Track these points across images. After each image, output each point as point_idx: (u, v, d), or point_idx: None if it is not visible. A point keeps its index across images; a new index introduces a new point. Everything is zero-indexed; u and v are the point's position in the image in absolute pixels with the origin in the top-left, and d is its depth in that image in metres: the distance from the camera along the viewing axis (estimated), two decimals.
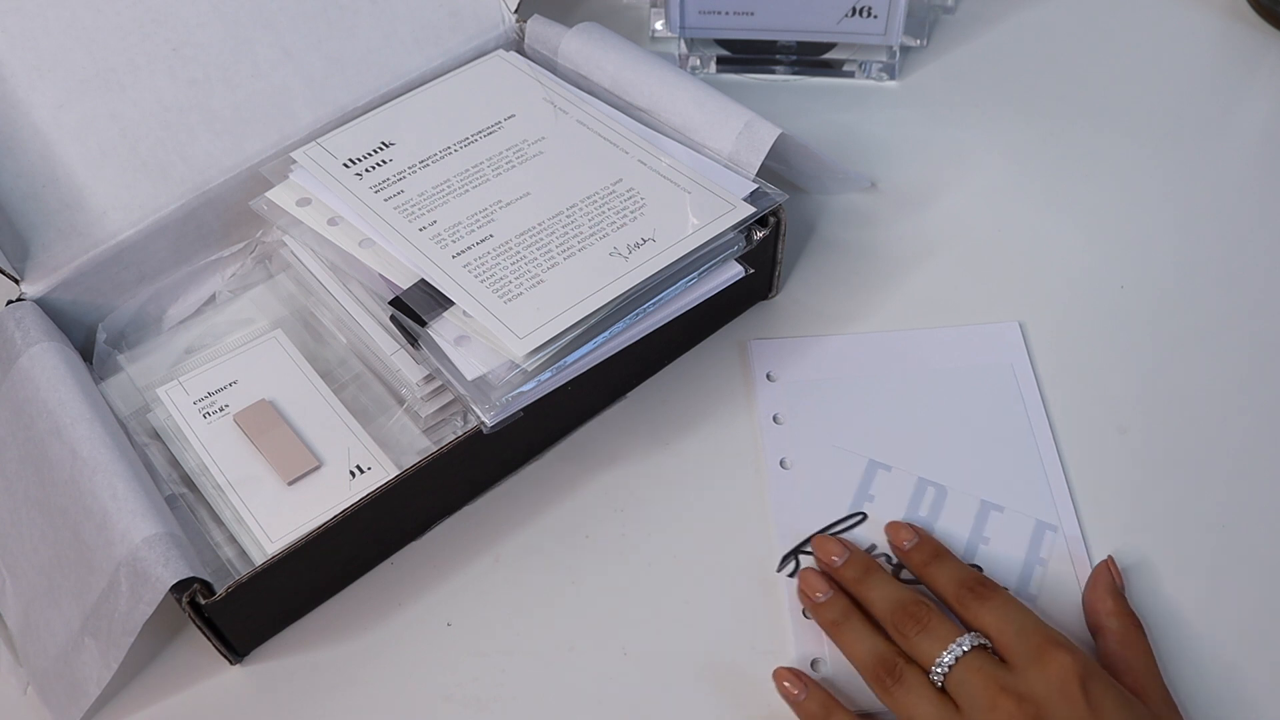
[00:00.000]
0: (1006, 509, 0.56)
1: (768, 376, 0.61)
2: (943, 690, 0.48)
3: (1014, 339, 0.62)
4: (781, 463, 0.58)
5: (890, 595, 0.51)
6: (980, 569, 0.54)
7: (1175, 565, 0.54)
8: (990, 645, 0.48)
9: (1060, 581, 0.54)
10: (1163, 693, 0.48)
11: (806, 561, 0.55)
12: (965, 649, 0.48)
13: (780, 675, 0.51)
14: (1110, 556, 0.54)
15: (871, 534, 0.56)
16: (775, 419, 0.60)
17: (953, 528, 0.55)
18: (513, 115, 0.64)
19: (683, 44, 0.76)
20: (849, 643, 0.51)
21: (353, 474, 0.55)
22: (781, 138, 0.61)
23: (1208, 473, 0.58)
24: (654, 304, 0.56)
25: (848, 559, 0.53)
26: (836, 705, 0.50)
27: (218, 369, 0.59)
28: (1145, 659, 0.49)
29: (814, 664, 0.52)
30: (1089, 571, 0.54)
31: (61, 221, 0.59)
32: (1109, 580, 0.52)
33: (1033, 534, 0.55)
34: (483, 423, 0.52)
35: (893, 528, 0.55)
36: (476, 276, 0.56)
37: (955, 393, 0.60)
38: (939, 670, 0.48)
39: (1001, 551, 0.55)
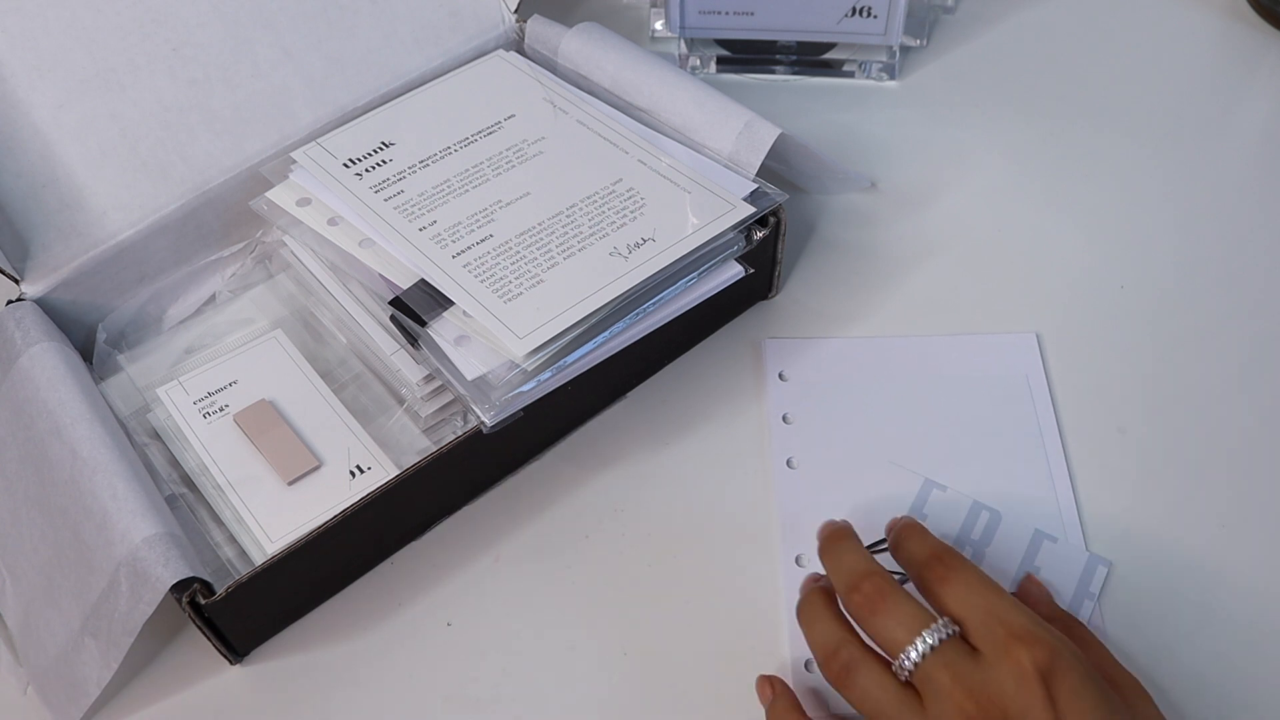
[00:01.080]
0: (1009, 516, 0.56)
1: (780, 376, 0.61)
2: (905, 681, 0.44)
3: (1030, 348, 0.62)
4: (788, 462, 0.58)
5: (849, 566, 0.46)
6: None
7: (1175, 565, 0.55)
8: (960, 632, 0.44)
9: (1057, 592, 0.53)
10: (1133, 681, 0.47)
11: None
12: (933, 642, 0.43)
13: (759, 684, 0.51)
14: (1028, 573, 0.53)
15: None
16: (785, 418, 0.60)
17: (957, 531, 0.55)
18: (513, 115, 0.64)
19: (683, 44, 0.76)
20: (806, 624, 0.47)
21: (353, 474, 0.55)
22: (781, 138, 0.61)
23: (1208, 473, 0.58)
24: (654, 304, 0.56)
25: (821, 526, 0.50)
26: (797, 713, 0.48)
27: (218, 369, 0.59)
28: (1100, 650, 0.48)
29: (807, 665, 0.52)
30: (1083, 575, 0.53)
31: (61, 221, 0.59)
32: (1040, 591, 0.51)
33: (1029, 543, 0.55)
34: (483, 423, 0.52)
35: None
36: (476, 276, 0.56)
37: (969, 400, 0.60)
38: (905, 664, 0.43)
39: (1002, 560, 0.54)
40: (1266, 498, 0.57)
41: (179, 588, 0.49)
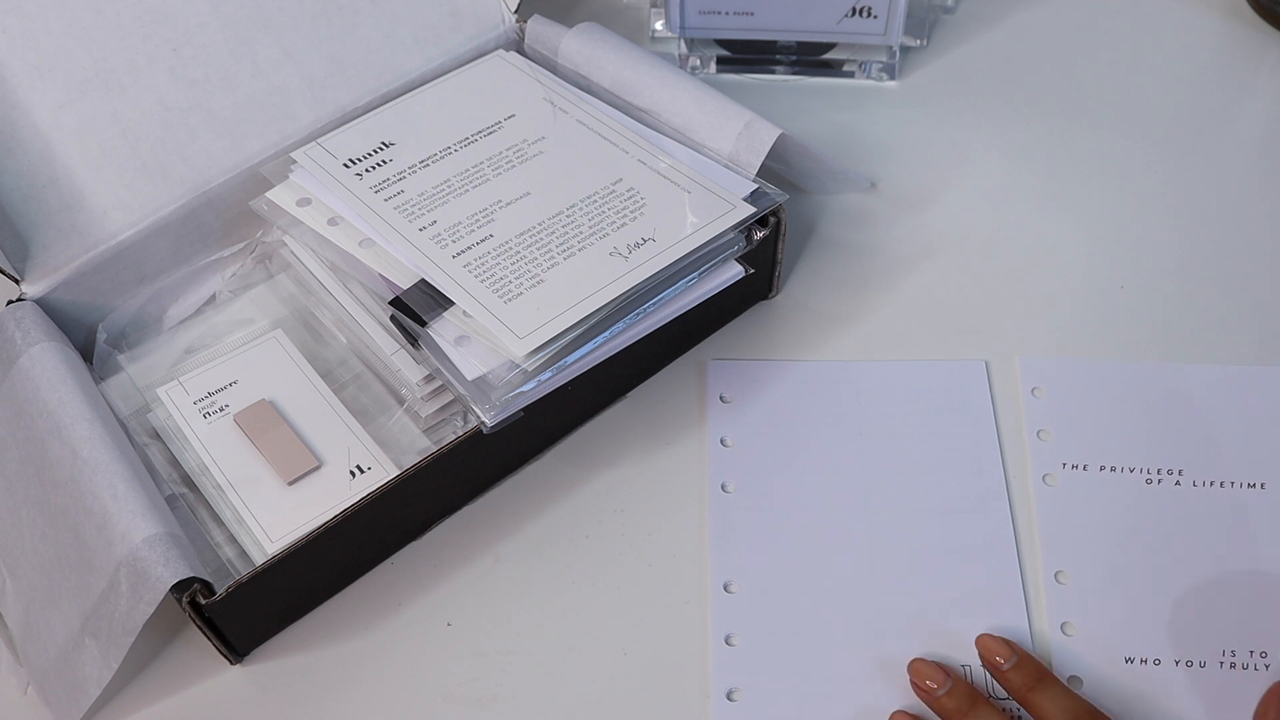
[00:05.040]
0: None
1: (720, 398, 0.61)
2: None
3: (980, 379, 0.61)
4: (722, 486, 0.58)
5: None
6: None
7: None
8: None
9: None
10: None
11: None
12: None
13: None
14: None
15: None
16: (723, 441, 0.59)
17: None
18: (513, 115, 0.64)
19: (683, 44, 0.76)
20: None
21: (353, 474, 0.55)
22: (781, 138, 0.61)
23: None
24: (654, 304, 0.56)
25: (950, 688, 0.49)
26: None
27: (218, 369, 0.59)
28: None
29: (730, 695, 0.52)
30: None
31: (61, 221, 0.59)
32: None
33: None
34: (483, 423, 0.52)
35: (984, 642, 0.51)
36: (476, 276, 0.56)
37: (920, 428, 0.59)
38: None
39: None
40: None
41: (179, 588, 0.49)
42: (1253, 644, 0.52)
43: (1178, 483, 0.57)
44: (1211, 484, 0.57)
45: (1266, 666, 0.51)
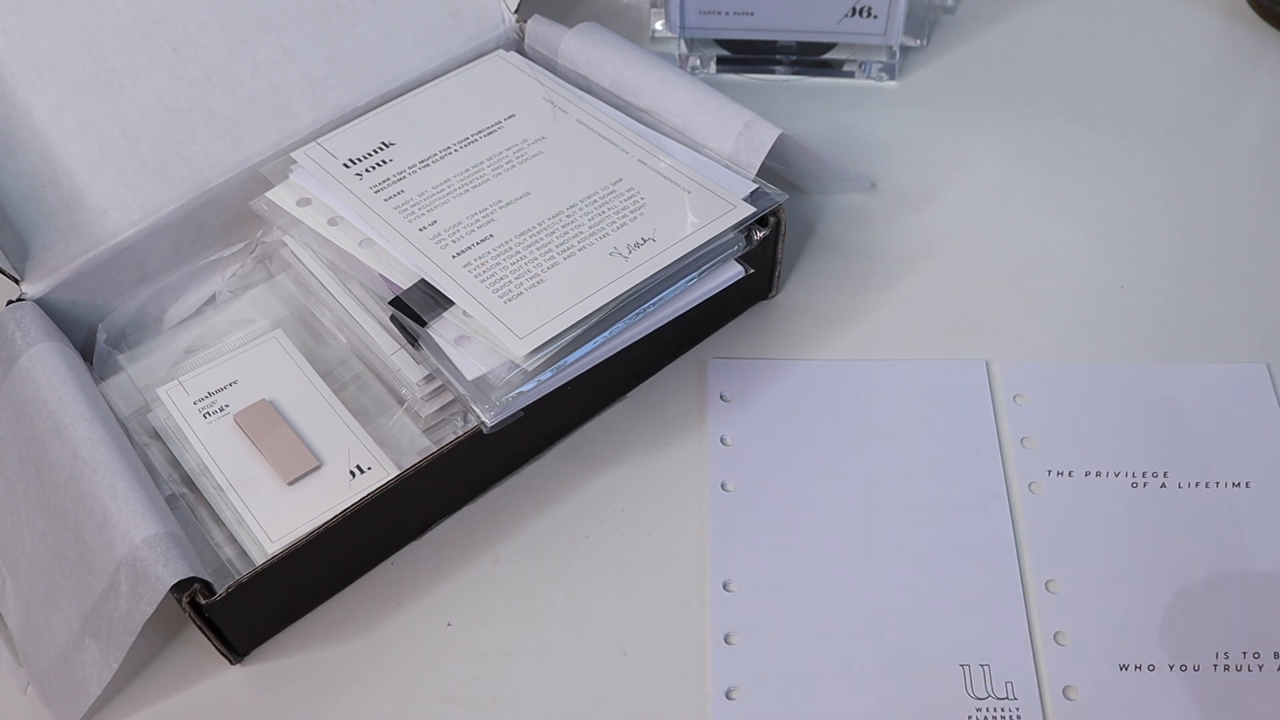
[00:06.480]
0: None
1: (721, 397, 0.61)
2: None
3: (980, 379, 0.61)
4: (723, 486, 0.58)
5: None
6: None
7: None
8: None
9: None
10: None
11: None
12: None
13: None
14: None
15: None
16: (723, 440, 0.59)
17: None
18: (513, 115, 0.64)
19: (683, 44, 0.76)
20: None
21: (353, 474, 0.55)
22: (781, 138, 0.61)
23: None
24: (654, 304, 0.56)
25: None
26: None
27: (218, 369, 0.59)
28: None
29: (729, 694, 0.52)
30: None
31: (61, 221, 0.59)
32: None
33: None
34: (483, 423, 0.52)
35: None
36: (476, 276, 0.56)
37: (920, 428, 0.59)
38: None
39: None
40: None
41: (179, 588, 0.49)
42: (1246, 645, 0.52)
43: (1163, 485, 0.57)
44: (1198, 485, 0.57)
45: (1260, 668, 0.51)
